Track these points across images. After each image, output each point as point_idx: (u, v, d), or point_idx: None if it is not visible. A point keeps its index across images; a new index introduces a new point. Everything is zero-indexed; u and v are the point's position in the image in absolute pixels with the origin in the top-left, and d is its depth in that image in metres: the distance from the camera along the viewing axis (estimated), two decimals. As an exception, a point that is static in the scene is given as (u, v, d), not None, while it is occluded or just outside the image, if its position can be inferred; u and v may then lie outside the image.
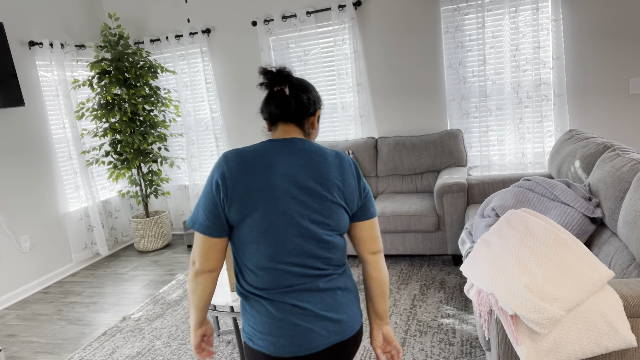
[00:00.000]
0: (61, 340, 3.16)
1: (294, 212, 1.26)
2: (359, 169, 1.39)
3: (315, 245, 1.29)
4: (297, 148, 1.32)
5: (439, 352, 2.50)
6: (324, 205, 1.29)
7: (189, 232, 4.73)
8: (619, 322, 1.49)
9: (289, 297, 1.28)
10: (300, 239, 1.27)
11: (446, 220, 3.50)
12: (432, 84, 4.25)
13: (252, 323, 1.32)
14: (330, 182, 1.30)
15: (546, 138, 4.01)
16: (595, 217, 2.26)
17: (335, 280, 1.34)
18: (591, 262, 1.59)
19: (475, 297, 1.76)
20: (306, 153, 1.31)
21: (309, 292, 1.29)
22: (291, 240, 1.27)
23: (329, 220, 1.30)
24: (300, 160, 1.30)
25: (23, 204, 4.09)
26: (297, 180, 1.27)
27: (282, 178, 1.26)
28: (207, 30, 4.76)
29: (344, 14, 4.25)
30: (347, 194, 1.33)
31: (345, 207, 1.33)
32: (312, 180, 1.28)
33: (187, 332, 3.02)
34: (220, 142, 4.95)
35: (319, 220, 1.29)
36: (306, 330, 1.28)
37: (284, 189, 1.26)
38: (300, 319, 1.28)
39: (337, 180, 1.31)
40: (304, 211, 1.27)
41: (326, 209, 1.30)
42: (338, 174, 1.32)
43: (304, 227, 1.27)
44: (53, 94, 4.40)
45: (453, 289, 3.21)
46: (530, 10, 3.79)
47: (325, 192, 1.29)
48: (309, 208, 1.28)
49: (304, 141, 1.35)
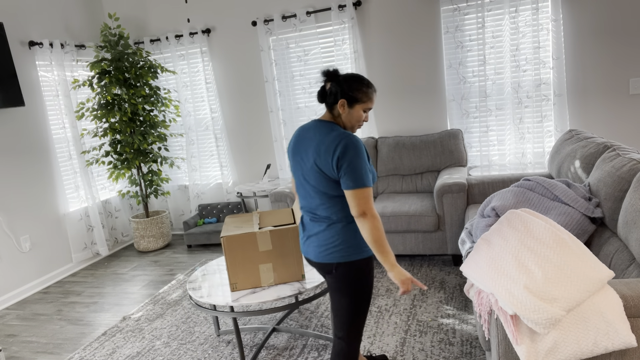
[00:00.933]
0: (61, 340, 3.16)
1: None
2: (346, 151, 1.74)
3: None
4: (311, 126, 1.89)
5: (439, 352, 2.50)
6: (311, 168, 1.84)
7: (189, 232, 4.73)
8: (618, 322, 1.49)
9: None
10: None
11: (446, 220, 3.50)
12: (432, 84, 4.25)
13: (359, 237, 1.85)
14: (318, 153, 1.79)
15: (546, 138, 4.01)
16: (595, 217, 2.26)
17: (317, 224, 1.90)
18: (591, 262, 1.59)
19: (475, 297, 1.76)
20: (317, 132, 1.84)
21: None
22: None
23: (310, 180, 1.86)
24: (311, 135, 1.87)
25: (23, 204, 4.09)
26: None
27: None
28: (207, 30, 4.76)
29: (344, 14, 4.25)
30: (321, 165, 1.79)
31: (321, 171, 1.80)
32: (311, 149, 1.83)
33: (187, 332, 3.03)
34: (220, 142, 4.95)
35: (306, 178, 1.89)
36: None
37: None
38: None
39: (319, 153, 1.79)
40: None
41: (311, 171, 1.84)
42: (323, 149, 1.77)
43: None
44: (53, 94, 4.40)
45: (453, 289, 3.21)
46: (530, 10, 3.79)
47: (313, 158, 1.81)
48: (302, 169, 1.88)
49: (322, 122, 1.87)
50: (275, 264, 2.46)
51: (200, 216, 5.06)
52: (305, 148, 1.85)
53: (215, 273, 2.77)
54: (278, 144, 4.75)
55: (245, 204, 5.04)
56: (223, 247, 2.42)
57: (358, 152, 1.74)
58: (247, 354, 2.70)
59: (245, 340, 2.87)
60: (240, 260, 2.43)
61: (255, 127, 4.90)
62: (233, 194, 5.10)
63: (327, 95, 1.87)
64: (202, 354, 2.74)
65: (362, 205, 1.75)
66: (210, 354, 2.74)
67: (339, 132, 1.78)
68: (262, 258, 2.45)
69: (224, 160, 4.99)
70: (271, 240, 2.44)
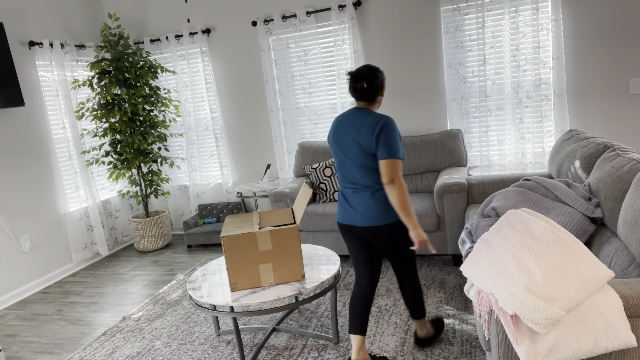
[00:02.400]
0: (61, 340, 3.16)
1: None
2: (384, 128, 2.16)
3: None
4: (350, 114, 2.31)
5: (439, 352, 2.50)
6: (354, 146, 2.23)
7: (189, 232, 4.73)
8: (618, 322, 1.49)
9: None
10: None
11: (446, 220, 3.50)
12: (432, 84, 4.25)
13: (390, 206, 2.25)
14: (359, 133, 2.21)
15: (546, 138, 4.01)
16: (595, 217, 2.26)
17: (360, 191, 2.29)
18: (591, 262, 1.59)
19: (475, 297, 1.76)
20: (357, 117, 2.26)
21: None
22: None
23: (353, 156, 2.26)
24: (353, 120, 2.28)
25: (23, 204, 4.09)
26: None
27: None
28: (207, 30, 4.76)
29: (344, 14, 4.25)
30: (363, 142, 2.19)
31: (363, 147, 2.20)
32: (354, 132, 2.24)
33: (187, 332, 3.03)
34: (220, 142, 4.95)
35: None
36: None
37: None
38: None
39: (361, 132, 2.20)
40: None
41: (355, 149, 2.23)
42: (364, 129, 2.19)
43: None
44: (53, 94, 4.40)
45: (453, 289, 3.21)
46: (530, 10, 3.79)
47: (356, 139, 2.22)
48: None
49: (360, 109, 2.28)
50: (275, 264, 2.46)
51: (200, 216, 5.06)
52: (346, 131, 2.26)
53: (215, 273, 2.77)
54: (278, 144, 4.75)
55: (245, 204, 5.04)
56: (223, 247, 2.42)
57: (394, 129, 2.17)
58: (247, 354, 2.70)
59: (245, 340, 2.87)
60: (240, 260, 2.43)
61: (255, 127, 4.90)
62: (233, 194, 5.10)
63: (368, 90, 2.24)
64: (202, 354, 2.75)
65: (391, 174, 2.13)
66: (210, 354, 2.74)
67: (377, 114, 2.21)
68: (262, 258, 2.45)
69: (224, 160, 5.00)
70: (271, 240, 2.44)
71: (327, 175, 4.13)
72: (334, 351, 2.62)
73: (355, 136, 2.21)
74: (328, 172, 4.14)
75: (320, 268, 2.63)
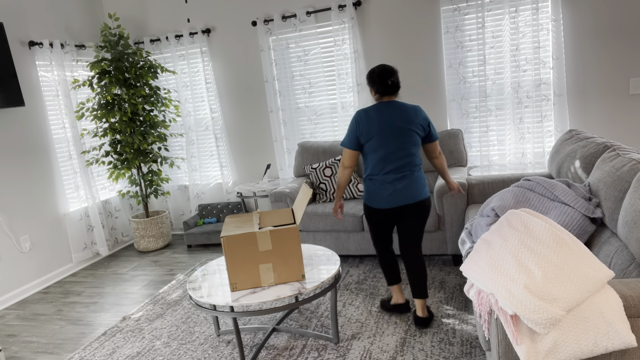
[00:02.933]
0: (61, 340, 3.16)
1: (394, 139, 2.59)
2: (424, 115, 2.65)
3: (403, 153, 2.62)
4: (381, 107, 2.62)
5: (439, 352, 2.50)
6: (405, 132, 2.58)
7: (189, 232, 4.73)
8: (619, 322, 1.49)
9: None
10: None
11: (446, 220, 3.50)
12: (432, 84, 4.25)
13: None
14: (406, 120, 2.58)
15: (546, 138, 4.01)
16: (595, 217, 2.26)
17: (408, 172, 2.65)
18: (591, 262, 1.59)
19: (475, 297, 1.76)
20: (393, 109, 2.60)
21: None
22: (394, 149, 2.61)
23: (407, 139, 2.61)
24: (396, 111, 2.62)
25: (23, 204, 4.09)
26: (394, 122, 2.58)
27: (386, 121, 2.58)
28: (207, 30, 4.76)
29: (344, 14, 4.25)
30: (414, 126, 2.59)
31: (416, 132, 2.60)
32: (400, 120, 2.59)
33: (187, 332, 3.03)
34: (220, 142, 4.95)
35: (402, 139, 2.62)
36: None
37: (388, 126, 2.58)
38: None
39: (408, 119, 2.58)
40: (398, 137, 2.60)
41: (406, 134, 2.58)
42: (411, 116, 2.59)
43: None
44: (53, 94, 4.40)
45: (453, 289, 3.21)
46: (530, 10, 3.79)
47: (406, 125, 2.58)
48: (399, 134, 2.58)
49: (391, 102, 2.62)
50: (275, 264, 2.46)
51: (200, 216, 5.06)
52: (392, 120, 2.56)
53: (215, 273, 2.77)
54: (278, 144, 4.75)
55: (245, 204, 5.04)
56: (223, 247, 2.42)
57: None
58: (247, 354, 2.70)
59: (245, 340, 2.87)
60: (240, 260, 2.43)
61: (255, 127, 4.90)
62: (233, 194, 5.10)
63: (397, 84, 2.61)
64: (202, 354, 2.75)
65: (439, 150, 2.79)
66: (210, 354, 2.74)
67: (409, 104, 2.63)
68: (262, 258, 2.45)
69: (224, 160, 5.00)
70: (271, 240, 2.44)
71: (327, 175, 4.13)
72: (334, 351, 2.62)
73: (401, 123, 2.55)
74: (328, 172, 4.14)
75: (320, 268, 2.63)
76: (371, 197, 2.65)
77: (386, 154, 2.56)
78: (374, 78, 2.59)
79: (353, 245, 3.80)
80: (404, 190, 2.58)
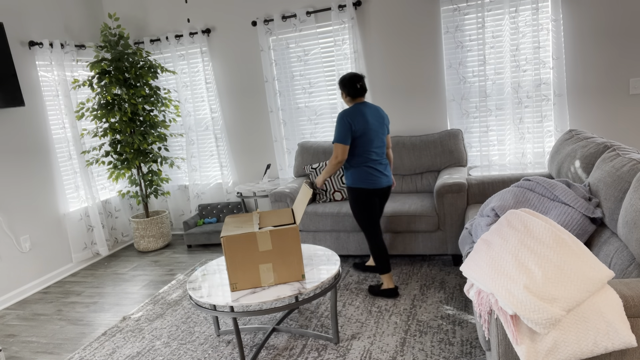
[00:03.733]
0: (61, 340, 3.16)
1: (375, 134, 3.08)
2: (386, 113, 3.35)
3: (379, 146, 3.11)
4: (368, 106, 3.09)
5: (439, 352, 2.50)
6: (381, 126, 3.11)
7: (189, 232, 4.73)
8: (618, 322, 1.49)
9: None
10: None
11: (446, 220, 3.50)
12: (432, 84, 4.25)
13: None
14: (384, 118, 3.15)
15: (546, 138, 4.01)
16: (595, 217, 2.26)
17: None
18: (591, 262, 1.59)
19: (475, 297, 1.76)
20: (373, 109, 3.11)
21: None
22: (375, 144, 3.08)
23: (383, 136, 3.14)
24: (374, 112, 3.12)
25: (23, 204, 4.09)
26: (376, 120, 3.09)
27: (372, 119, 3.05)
28: (207, 30, 4.76)
29: (344, 14, 4.25)
30: (385, 121, 3.14)
31: (386, 125, 3.16)
32: (377, 117, 3.10)
33: (187, 332, 3.03)
34: (220, 142, 4.95)
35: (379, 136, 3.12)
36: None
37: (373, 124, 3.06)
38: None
39: (384, 118, 3.14)
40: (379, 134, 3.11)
41: (381, 128, 3.11)
42: (384, 115, 3.16)
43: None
44: (53, 94, 4.40)
45: (453, 289, 3.21)
46: (530, 10, 3.79)
47: (381, 121, 3.11)
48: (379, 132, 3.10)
49: (369, 103, 3.12)
50: (275, 264, 2.47)
51: (200, 216, 5.06)
52: (375, 118, 3.05)
53: (215, 273, 2.77)
54: (278, 144, 4.75)
55: (245, 204, 5.04)
56: (223, 247, 2.42)
57: None
58: (247, 354, 2.70)
59: (245, 340, 2.87)
60: (240, 260, 2.43)
61: (255, 127, 4.90)
62: (233, 194, 5.10)
63: (364, 88, 3.06)
64: (202, 354, 2.75)
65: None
66: (210, 354, 2.74)
67: (375, 105, 3.45)
68: (262, 258, 2.45)
69: (224, 160, 5.00)
70: (271, 240, 2.44)
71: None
72: (334, 351, 2.62)
73: (381, 121, 3.09)
74: (328, 172, 4.14)
75: (320, 268, 2.63)
76: (368, 180, 3.05)
77: (374, 145, 3.04)
78: (346, 83, 3.03)
79: (353, 245, 3.80)
80: (385, 172, 3.12)
